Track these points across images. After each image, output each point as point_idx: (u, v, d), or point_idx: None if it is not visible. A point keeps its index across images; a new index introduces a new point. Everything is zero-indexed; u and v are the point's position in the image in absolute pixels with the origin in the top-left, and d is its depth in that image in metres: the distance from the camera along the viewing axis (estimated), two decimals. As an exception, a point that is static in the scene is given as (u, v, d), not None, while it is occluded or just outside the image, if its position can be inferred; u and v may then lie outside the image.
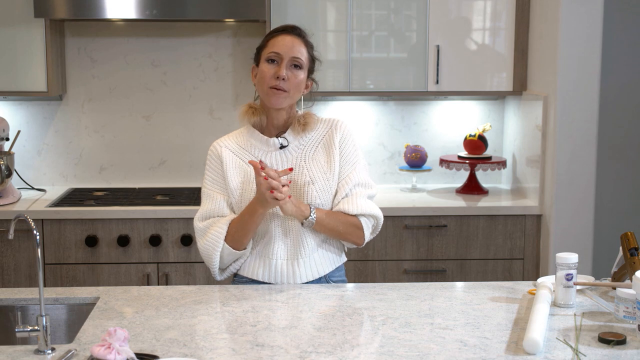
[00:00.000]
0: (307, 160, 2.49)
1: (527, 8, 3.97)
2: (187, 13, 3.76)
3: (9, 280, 3.69)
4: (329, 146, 2.51)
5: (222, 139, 2.56)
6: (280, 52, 2.43)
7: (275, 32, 2.49)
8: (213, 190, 2.49)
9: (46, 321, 1.92)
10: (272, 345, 1.97)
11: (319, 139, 2.52)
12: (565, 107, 3.68)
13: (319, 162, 2.49)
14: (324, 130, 2.54)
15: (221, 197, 2.48)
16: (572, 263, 2.25)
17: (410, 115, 4.33)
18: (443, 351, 1.94)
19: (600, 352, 1.93)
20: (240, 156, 2.50)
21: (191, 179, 4.28)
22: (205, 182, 2.52)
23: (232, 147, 2.52)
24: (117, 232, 3.69)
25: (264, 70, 2.44)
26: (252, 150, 2.50)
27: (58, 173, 4.24)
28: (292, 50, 2.44)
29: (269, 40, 2.48)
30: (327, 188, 2.47)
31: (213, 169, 2.51)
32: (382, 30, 4.01)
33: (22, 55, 3.85)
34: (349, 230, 2.47)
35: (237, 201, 2.47)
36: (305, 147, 2.51)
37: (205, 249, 2.45)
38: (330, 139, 2.51)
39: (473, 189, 4.12)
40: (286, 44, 2.44)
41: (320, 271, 2.50)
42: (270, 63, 2.44)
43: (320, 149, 2.51)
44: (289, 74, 2.43)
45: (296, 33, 2.49)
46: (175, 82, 4.23)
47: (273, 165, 2.48)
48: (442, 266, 3.84)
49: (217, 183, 2.50)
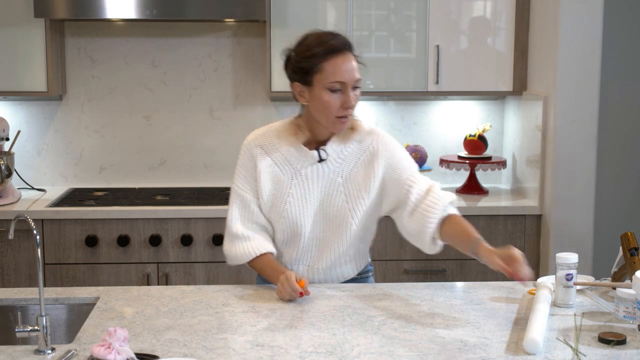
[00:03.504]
0: (344, 176, 2.40)
1: (527, 8, 3.97)
2: (187, 13, 3.76)
3: (9, 280, 3.69)
4: (369, 164, 2.40)
5: (260, 136, 2.45)
6: (345, 81, 2.28)
7: (329, 54, 2.29)
8: (244, 191, 2.43)
9: (46, 321, 1.92)
10: (272, 345, 1.97)
11: (359, 154, 2.41)
12: (565, 107, 3.68)
13: (356, 179, 2.40)
14: (365, 146, 2.41)
15: (253, 200, 2.42)
16: (572, 263, 2.25)
17: (410, 115, 4.33)
18: (443, 351, 1.94)
19: (600, 352, 1.93)
20: (276, 161, 2.41)
21: (191, 179, 4.28)
22: (237, 179, 2.45)
23: (269, 149, 2.42)
24: (117, 232, 3.69)
25: (328, 102, 2.29)
26: (289, 158, 2.40)
27: (58, 173, 4.24)
28: (353, 73, 2.30)
29: (322, 62, 2.28)
30: (362, 209, 2.41)
31: (245, 168, 2.44)
32: (382, 30, 4.01)
33: (22, 55, 3.85)
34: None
35: (267, 207, 2.43)
36: (344, 162, 2.40)
37: (230, 255, 2.46)
38: (372, 157, 2.41)
39: (473, 189, 4.12)
40: (347, 69, 2.29)
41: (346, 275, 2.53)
42: (334, 92, 2.29)
43: (359, 165, 2.41)
44: (354, 98, 2.32)
45: (347, 49, 2.32)
46: (175, 82, 4.23)
47: (309, 178, 2.39)
48: (442, 266, 3.84)
49: (249, 183, 2.43)
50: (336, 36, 2.33)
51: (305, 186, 2.40)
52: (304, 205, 2.40)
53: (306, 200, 2.40)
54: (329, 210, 2.41)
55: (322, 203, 2.40)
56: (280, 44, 3.92)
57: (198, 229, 3.71)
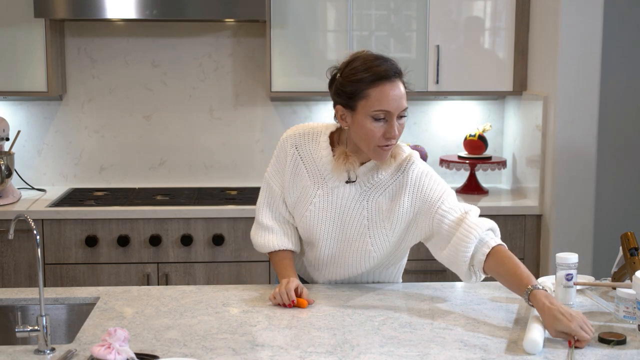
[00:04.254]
0: (369, 201, 2.32)
1: (527, 8, 3.97)
2: (187, 13, 3.76)
3: (9, 280, 3.69)
4: (397, 194, 2.30)
5: (298, 136, 2.39)
6: (390, 110, 2.17)
7: (376, 80, 2.18)
8: (275, 183, 2.43)
9: (46, 321, 1.92)
10: (272, 345, 1.97)
11: (388, 182, 2.32)
12: (565, 107, 3.68)
13: (381, 207, 2.31)
14: (396, 174, 2.32)
15: (280, 192, 2.42)
16: (572, 263, 2.25)
17: (410, 115, 4.30)
18: (443, 351, 1.94)
19: (600, 352, 1.93)
20: (307, 166, 2.36)
21: (191, 179, 4.28)
22: (271, 169, 2.44)
23: (303, 151, 2.37)
24: (117, 232, 3.69)
25: (372, 130, 2.18)
26: (320, 168, 2.34)
27: (58, 173, 4.23)
28: (400, 102, 2.19)
29: (369, 89, 2.17)
30: (383, 239, 2.34)
31: (279, 161, 2.42)
32: (382, 30, 4.01)
33: (22, 55, 3.85)
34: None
35: (290, 206, 2.42)
36: (372, 188, 2.32)
37: (253, 241, 2.49)
38: (401, 186, 2.31)
39: (473, 189, 4.12)
40: (394, 98, 2.18)
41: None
42: (377, 121, 2.18)
43: (387, 193, 2.31)
44: (398, 127, 2.20)
45: (396, 76, 2.21)
46: (175, 82, 4.23)
47: (333, 196, 2.33)
48: (442, 266, 3.83)
49: (279, 176, 2.42)
50: (386, 61, 2.22)
51: (329, 199, 2.34)
52: (324, 218, 2.36)
53: (326, 213, 2.35)
54: (349, 232, 2.36)
55: (342, 222, 2.35)
56: (280, 44, 3.92)
57: (198, 229, 3.71)
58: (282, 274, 2.38)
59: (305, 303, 2.26)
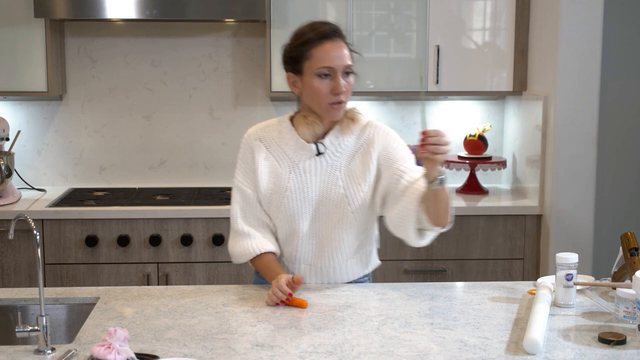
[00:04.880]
0: (341, 169, 2.39)
1: (527, 8, 3.97)
2: (187, 13, 3.76)
3: (9, 280, 3.69)
4: (366, 155, 2.39)
5: (260, 129, 2.45)
6: (333, 66, 2.29)
7: (317, 40, 2.31)
8: (246, 186, 2.44)
9: (46, 321, 1.92)
10: (272, 345, 1.97)
11: (356, 147, 2.40)
12: (565, 107, 3.68)
13: (354, 172, 2.39)
14: (363, 137, 2.41)
15: (254, 195, 2.43)
16: (572, 263, 2.25)
17: (410, 115, 4.33)
18: (443, 351, 1.94)
19: (600, 352, 1.93)
20: (274, 154, 2.42)
21: (191, 179, 4.28)
22: (238, 174, 2.46)
23: (268, 141, 2.43)
24: (117, 232, 3.69)
25: (318, 88, 2.30)
26: (288, 151, 2.41)
27: (58, 173, 4.24)
28: (342, 59, 2.31)
29: (311, 50, 2.30)
30: (361, 203, 2.39)
31: (245, 162, 2.45)
32: (382, 30, 4.01)
33: (22, 55, 3.85)
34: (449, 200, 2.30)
35: (266, 204, 2.43)
36: (342, 155, 2.40)
37: (232, 251, 2.47)
38: (368, 147, 2.40)
39: (473, 189, 4.12)
40: (336, 55, 2.30)
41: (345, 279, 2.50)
42: (323, 78, 2.30)
43: (357, 157, 2.40)
44: (344, 84, 2.31)
45: (337, 36, 2.33)
46: (175, 82, 4.23)
47: (307, 171, 2.39)
48: (442, 266, 3.84)
49: (250, 177, 2.43)
50: (326, 24, 2.35)
51: (303, 180, 2.39)
52: (302, 199, 2.39)
53: (304, 194, 2.39)
54: (328, 205, 2.40)
55: (320, 197, 2.39)
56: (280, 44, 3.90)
57: (198, 229, 3.71)
58: (271, 276, 2.36)
59: (305, 303, 2.26)
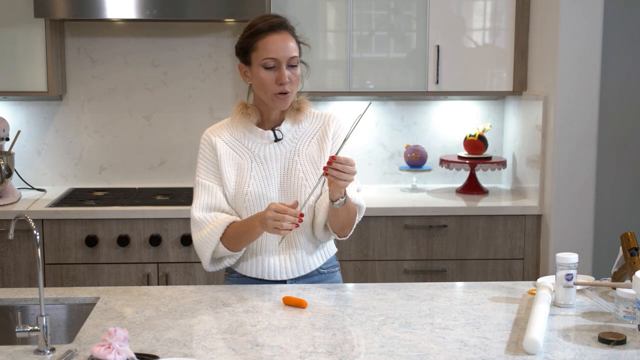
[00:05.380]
0: (300, 154, 2.46)
1: (527, 8, 3.97)
2: (187, 13, 3.76)
3: (9, 280, 3.69)
4: (322, 139, 2.48)
5: (215, 128, 2.50)
6: (276, 57, 2.35)
7: (263, 32, 2.38)
8: (208, 180, 2.45)
9: (46, 321, 1.92)
10: (272, 345, 1.97)
11: (313, 132, 2.49)
12: (565, 107, 3.68)
13: (312, 156, 2.46)
14: (318, 124, 2.50)
15: (217, 187, 2.45)
16: (572, 263, 2.25)
17: (410, 115, 4.33)
18: (443, 351, 1.94)
19: (600, 352, 1.93)
20: (234, 148, 2.46)
21: (191, 179, 4.26)
22: (199, 171, 2.47)
23: (226, 138, 2.47)
24: (117, 232, 3.69)
25: (263, 78, 2.36)
26: (246, 142, 2.46)
27: (58, 173, 4.24)
28: (286, 51, 2.36)
29: (257, 41, 2.37)
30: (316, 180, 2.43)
31: (207, 159, 2.47)
32: (382, 30, 4.01)
33: (22, 55, 3.85)
34: (353, 219, 2.43)
35: (231, 194, 2.44)
36: (299, 141, 2.47)
37: (199, 243, 2.43)
38: (324, 132, 2.49)
39: (473, 189, 4.13)
40: (279, 46, 2.36)
41: (312, 265, 2.50)
42: (268, 69, 2.36)
43: (314, 142, 2.48)
44: (289, 75, 2.37)
45: (284, 28, 2.40)
46: (175, 82, 4.23)
47: (267, 157, 2.44)
48: (442, 266, 3.84)
49: (212, 173, 2.46)
50: (276, 17, 2.43)
51: (265, 168, 2.44)
52: (266, 187, 2.42)
53: (267, 182, 2.43)
54: (290, 190, 2.43)
55: (282, 183, 2.43)
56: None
57: (198, 229, 3.71)
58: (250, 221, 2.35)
59: (305, 303, 2.26)
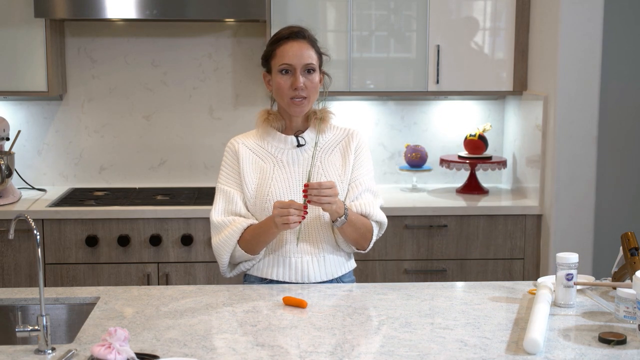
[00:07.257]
0: (323, 160, 2.51)
1: (527, 8, 3.97)
2: (187, 13, 3.76)
3: (9, 280, 3.69)
4: (345, 151, 2.53)
5: (239, 136, 2.58)
6: (292, 62, 2.44)
7: (281, 39, 2.47)
8: (228, 186, 2.50)
9: (46, 321, 1.92)
10: (272, 345, 1.97)
11: (335, 142, 2.55)
12: (565, 107, 3.68)
13: (335, 164, 2.52)
14: (341, 136, 2.56)
15: (237, 193, 2.48)
16: (572, 263, 2.25)
17: (410, 115, 4.33)
18: (443, 351, 1.94)
19: (600, 352, 1.93)
20: (256, 153, 2.52)
21: (191, 179, 4.28)
22: (221, 178, 2.53)
23: (250, 144, 2.54)
24: (117, 232, 3.69)
25: (280, 83, 2.45)
26: (269, 147, 2.52)
27: (58, 173, 4.24)
28: (302, 57, 2.44)
29: (276, 48, 2.47)
30: (340, 191, 2.47)
31: (229, 165, 2.52)
32: (382, 30, 4.01)
33: (22, 55, 3.85)
34: (365, 235, 2.48)
35: (252, 197, 2.48)
36: (322, 148, 2.53)
37: (217, 247, 2.46)
38: (347, 145, 2.54)
39: (473, 188, 4.13)
40: (295, 53, 2.44)
41: (333, 273, 2.51)
42: (284, 74, 2.45)
43: (337, 152, 2.54)
44: (305, 81, 2.45)
45: (301, 36, 2.48)
46: (175, 82, 4.23)
47: (290, 164, 2.49)
48: (442, 266, 3.84)
49: (233, 179, 2.50)
50: (297, 27, 2.50)
51: (287, 172, 2.48)
52: (287, 191, 2.45)
53: (288, 186, 2.46)
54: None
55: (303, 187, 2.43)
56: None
57: (198, 229, 3.71)
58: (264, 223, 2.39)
59: (305, 303, 2.26)
